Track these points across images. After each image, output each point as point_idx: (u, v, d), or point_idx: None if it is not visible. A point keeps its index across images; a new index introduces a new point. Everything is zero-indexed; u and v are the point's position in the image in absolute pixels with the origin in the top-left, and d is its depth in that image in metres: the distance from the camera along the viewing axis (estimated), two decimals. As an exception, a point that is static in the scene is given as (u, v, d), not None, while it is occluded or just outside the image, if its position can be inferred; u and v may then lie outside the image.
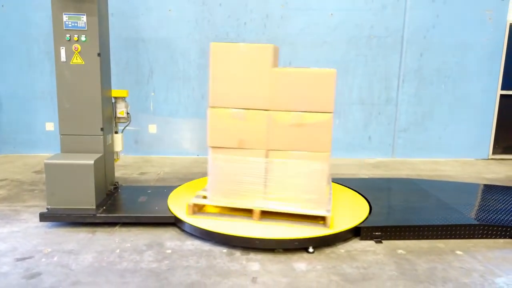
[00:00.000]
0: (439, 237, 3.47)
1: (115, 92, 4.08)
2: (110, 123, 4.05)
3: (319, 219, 3.38)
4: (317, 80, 3.26)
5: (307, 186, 3.36)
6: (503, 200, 4.16)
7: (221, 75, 3.37)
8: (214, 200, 3.55)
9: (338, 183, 4.55)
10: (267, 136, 3.37)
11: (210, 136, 3.45)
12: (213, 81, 3.39)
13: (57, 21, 3.62)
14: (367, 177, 5.32)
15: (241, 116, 3.35)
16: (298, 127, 3.31)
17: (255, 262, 2.99)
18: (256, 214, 3.40)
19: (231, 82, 3.36)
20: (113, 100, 4.13)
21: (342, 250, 3.22)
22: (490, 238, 3.50)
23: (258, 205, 3.44)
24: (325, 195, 3.44)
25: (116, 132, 4.22)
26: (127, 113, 4.20)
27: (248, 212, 3.46)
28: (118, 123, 4.24)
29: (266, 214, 3.45)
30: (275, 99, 3.33)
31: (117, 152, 4.27)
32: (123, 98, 4.16)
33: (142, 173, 5.35)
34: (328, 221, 3.29)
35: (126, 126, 4.36)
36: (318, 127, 3.29)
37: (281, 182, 3.40)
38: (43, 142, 6.25)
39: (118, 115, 4.14)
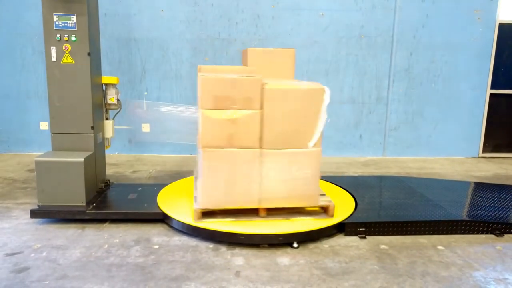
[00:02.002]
0: (422, 232, 3.54)
1: (105, 79, 4.11)
2: (100, 117, 4.08)
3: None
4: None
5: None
6: (487, 197, 4.23)
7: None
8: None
9: (326, 181, 4.62)
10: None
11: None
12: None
13: (47, 21, 3.68)
14: (356, 175, 5.39)
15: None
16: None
17: (239, 257, 3.06)
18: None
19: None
20: (104, 87, 4.16)
21: (326, 245, 3.29)
22: (472, 233, 3.57)
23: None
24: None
25: (107, 119, 4.25)
26: (118, 100, 4.21)
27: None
28: (109, 110, 4.25)
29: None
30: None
31: (107, 138, 4.29)
32: (114, 85, 4.18)
33: (134, 171, 5.41)
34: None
35: (117, 113, 4.38)
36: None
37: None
38: (37, 141, 6.30)
39: (109, 101, 4.15)
